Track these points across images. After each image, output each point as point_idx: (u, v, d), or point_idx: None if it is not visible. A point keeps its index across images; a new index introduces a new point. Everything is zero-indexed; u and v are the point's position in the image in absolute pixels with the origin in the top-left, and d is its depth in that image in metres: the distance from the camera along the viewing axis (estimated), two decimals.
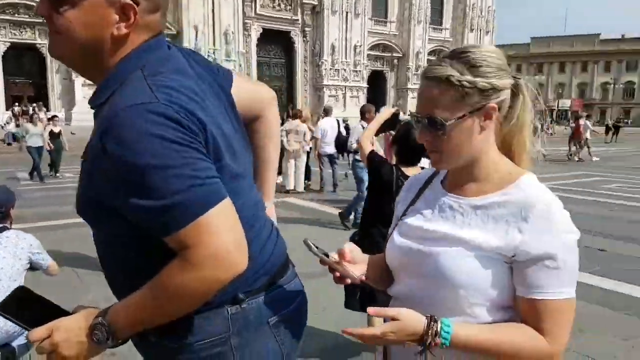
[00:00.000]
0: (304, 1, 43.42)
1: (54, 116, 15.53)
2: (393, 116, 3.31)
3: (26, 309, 1.13)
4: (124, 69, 1.10)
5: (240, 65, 39.96)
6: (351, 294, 3.09)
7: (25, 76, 34.94)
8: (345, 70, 45.68)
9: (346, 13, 44.74)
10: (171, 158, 0.98)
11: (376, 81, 50.65)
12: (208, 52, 38.46)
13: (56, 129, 13.11)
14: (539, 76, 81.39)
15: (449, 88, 1.06)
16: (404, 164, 2.97)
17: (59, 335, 1.07)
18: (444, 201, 1.18)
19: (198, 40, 37.98)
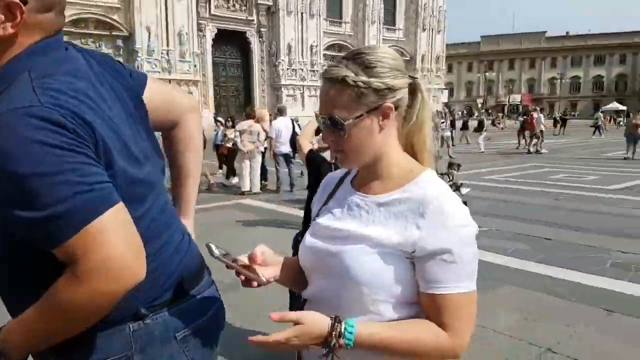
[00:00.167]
0: (259, 2, 43.20)
1: None
2: None
3: None
4: (11, 71, 1.03)
5: (195, 65, 39.45)
6: (295, 297, 3.07)
7: None
8: (302, 70, 45.72)
9: (301, 14, 44.84)
10: (53, 164, 0.92)
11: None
12: (162, 54, 37.83)
13: None
14: (490, 73, 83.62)
15: (345, 88, 1.08)
16: None
17: None
18: (352, 199, 1.19)
19: (151, 41, 37.29)
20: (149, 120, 1.27)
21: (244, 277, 1.18)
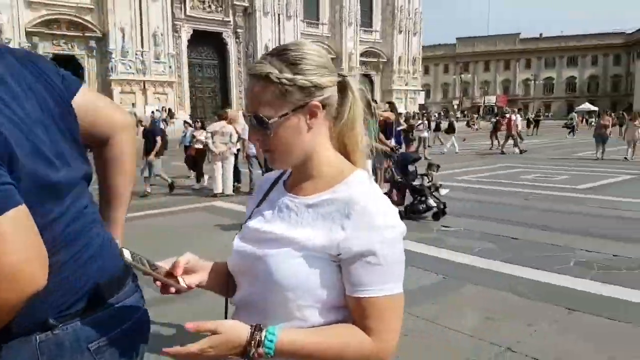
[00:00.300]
0: (235, 3, 42.98)
1: None
2: None
3: None
4: None
5: (170, 67, 39.08)
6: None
7: None
8: None
9: (278, 15, 44.72)
10: None
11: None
12: (136, 55, 37.38)
13: None
14: (465, 75, 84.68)
15: (269, 85, 1.05)
16: None
17: None
18: (282, 201, 1.16)
19: (125, 42, 36.84)
20: (78, 126, 1.22)
21: (159, 284, 1.13)
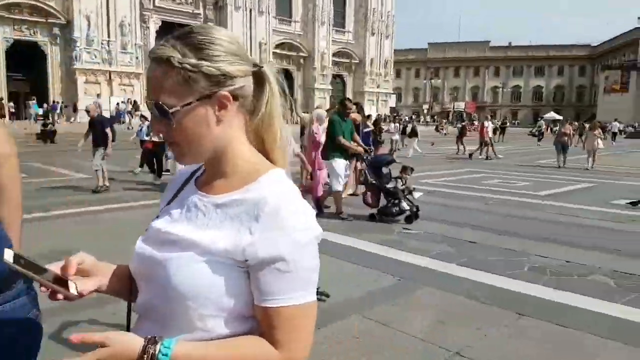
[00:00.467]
0: None
1: None
2: None
3: None
4: None
5: (137, 57, 38.37)
6: None
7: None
8: None
9: (250, 10, 44.38)
10: None
11: (284, 80, 50.63)
12: (102, 44, 36.50)
13: None
14: (435, 80, 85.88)
15: (170, 71, 0.94)
16: None
17: None
18: (191, 199, 1.04)
19: (90, 31, 35.99)
20: None
21: (45, 289, 0.98)
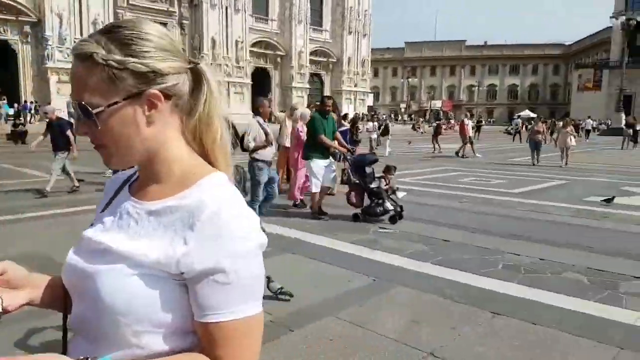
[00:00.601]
0: None
1: None
2: None
3: None
4: None
5: None
6: None
7: None
8: (227, 65, 44.93)
9: (226, 8, 44.00)
10: None
11: (261, 78, 50.44)
12: (75, 42, 35.75)
13: None
14: (412, 79, 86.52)
15: (94, 68, 0.87)
16: None
17: None
18: (124, 206, 0.97)
19: (63, 29, 35.24)
20: None
21: None
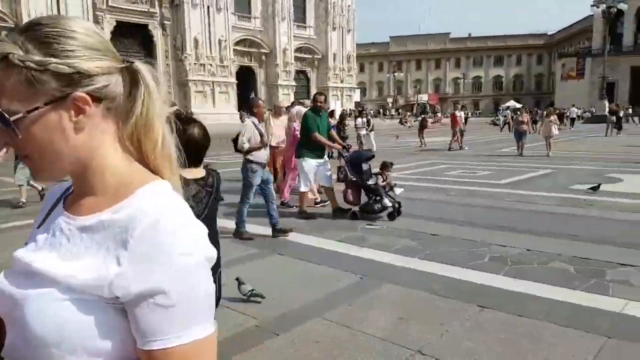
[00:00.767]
0: None
1: None
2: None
3: None
4: None
5: None
6: None
7: None
8: (211, 65, 44.60)
9: (207, 7, 43.66)
10: None
11: (246, 77, 50.18)
12: None
13: None
14: (398, 73, 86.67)
15: (11, 71, 0.77)
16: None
17: None
18: (58, 222, 0.87)
19: None
20: None
21: None
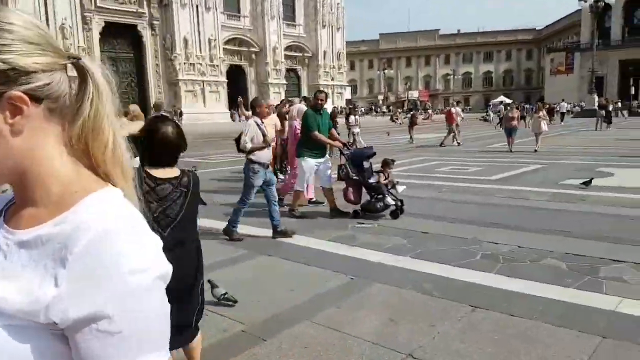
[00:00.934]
0: None
1: None
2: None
3: None
4: None
5: None
6: None
7: None
8: (201, 64, 44.35)
9: (196, 6, 43.42)
10: None
11: (236, 76, 49.96)
12: None
13: None
14: (389, 70, 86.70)
15: None
16: (151, 164, 2.51)
17: None
18: None
19: None
20: None
21: None
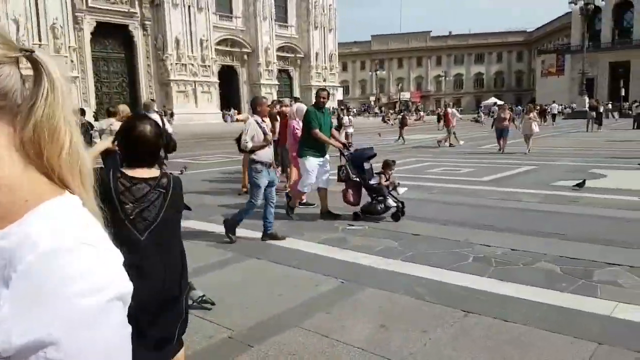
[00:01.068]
0: None
1: None
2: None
3: None
4: None
5: (72, 61, 36.71)
6: None
7: None
8: (193, 65, 44.20)
9: (188, 7, 43.27)
10: None
11: (228, 76, 49.82)
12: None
13: None
14: (381, 71, 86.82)
15: None
16: (129, 164, 2.44)
17: None
18: None
19: (20, 35, 34.11)
20: None
21: None
